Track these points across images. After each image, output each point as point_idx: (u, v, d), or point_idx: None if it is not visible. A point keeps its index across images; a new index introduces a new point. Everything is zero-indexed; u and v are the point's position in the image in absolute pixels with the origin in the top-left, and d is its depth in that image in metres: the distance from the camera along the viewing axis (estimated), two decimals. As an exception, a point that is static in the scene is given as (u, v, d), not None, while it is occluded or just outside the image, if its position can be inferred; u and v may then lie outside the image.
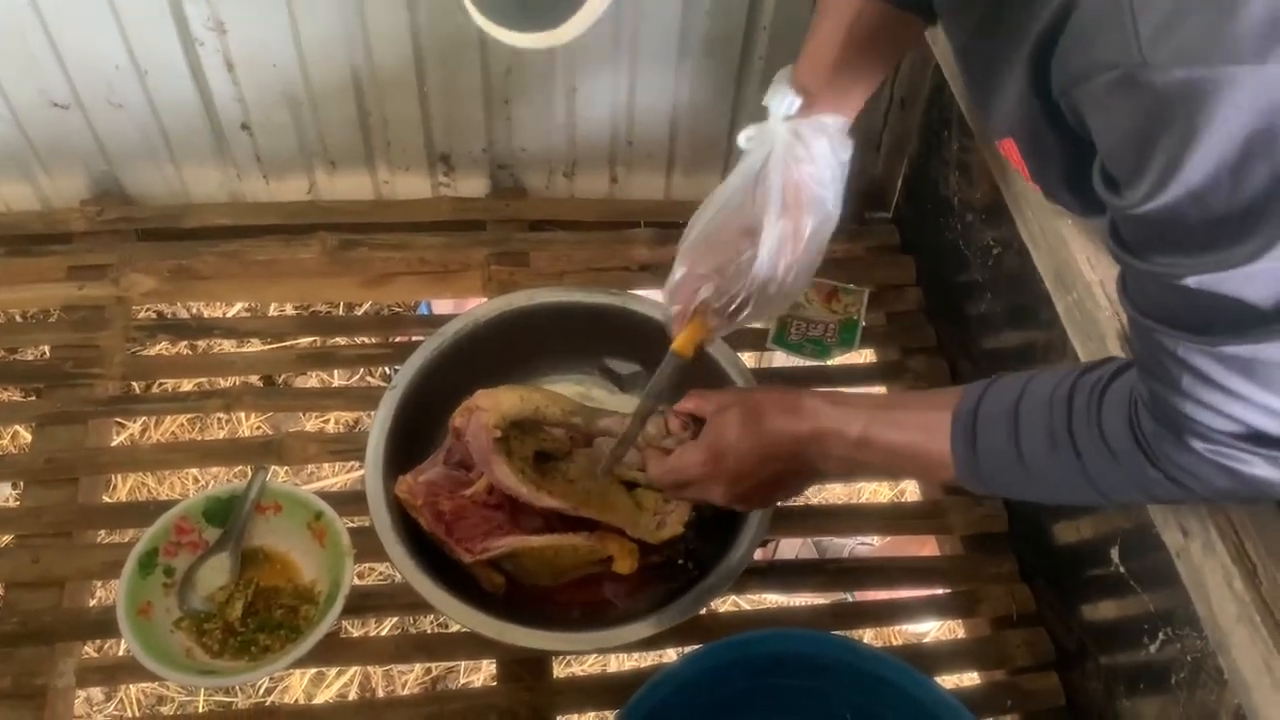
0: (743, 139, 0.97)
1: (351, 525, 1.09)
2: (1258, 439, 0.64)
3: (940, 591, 1.19)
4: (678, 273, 0.99)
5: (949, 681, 1.09)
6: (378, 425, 1.10)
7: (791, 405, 0.90)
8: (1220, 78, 0.49)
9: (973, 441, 0.81)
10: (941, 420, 0.82)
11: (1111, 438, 0.72)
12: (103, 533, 1.26)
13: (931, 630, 1.77)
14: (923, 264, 1.45)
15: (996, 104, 0.76)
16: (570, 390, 1.26)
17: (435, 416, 1.13)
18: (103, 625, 1.06)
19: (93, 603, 1.20)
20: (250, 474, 1.11)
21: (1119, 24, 0.52)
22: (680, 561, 1.11)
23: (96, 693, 1.72)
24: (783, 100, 0.93)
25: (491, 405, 1.04)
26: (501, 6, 0.61)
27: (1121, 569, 1.01)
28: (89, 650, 1.13)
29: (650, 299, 1.22)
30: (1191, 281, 0.57)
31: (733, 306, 0.96)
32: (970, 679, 1.19)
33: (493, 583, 1.06)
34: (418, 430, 1.13)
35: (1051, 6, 0.56)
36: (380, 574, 1.72)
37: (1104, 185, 0.60)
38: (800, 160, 0.93)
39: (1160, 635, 0.95)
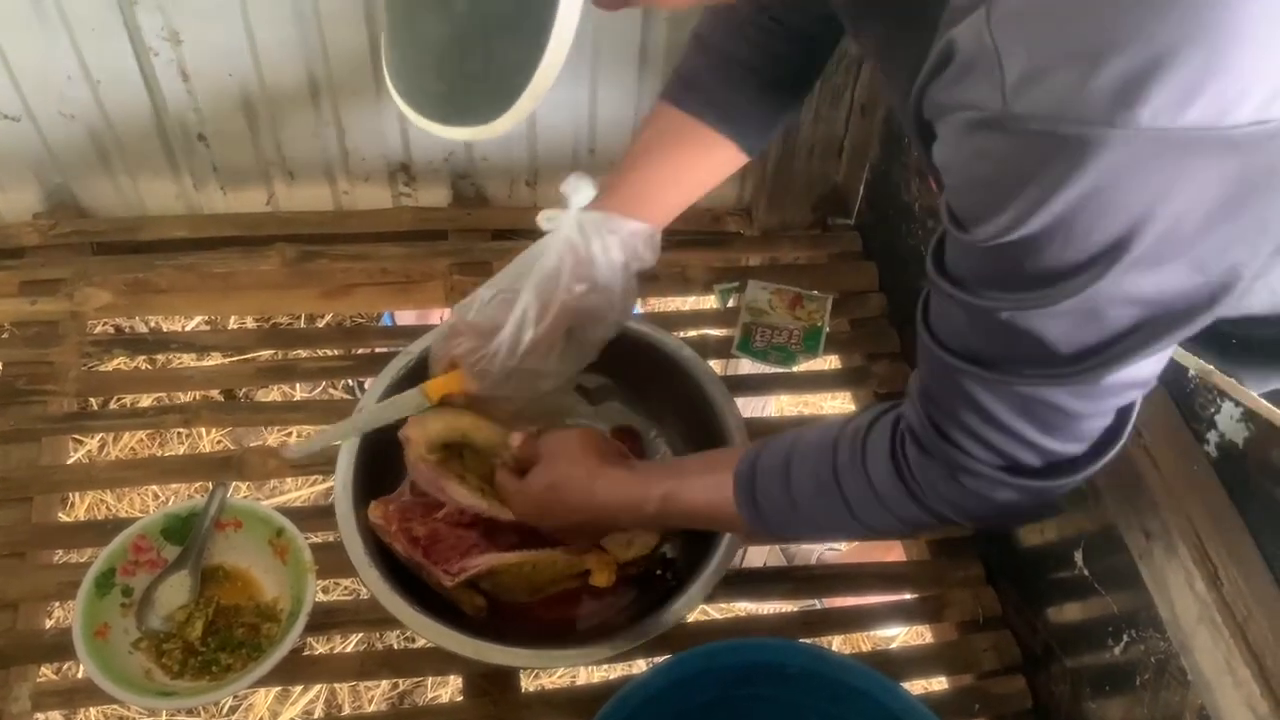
0: (543, 218, 1.01)
1: (314, 541, 1.07)
2: (1014, 469, 0.70)
3: (907, 596, 1.19)
4: (448, 324, 1.06)
5: (917, 687, 1.09)
6: (345, 450, 1.09)
7: (586, 488, 0.97)
8: (1073, 137, 0.51)
9: (753, 496, 0.87)
10: (725, 481, 0.89)
11: (875, 479, 0.78)
12: (60, 552, 1.23)
13: (899, 635, 1.77)
14: (885, 270, 1.46)
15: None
16: (538, 406, 1.26)
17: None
18: (59, 647, 1.04)
19: (49, 624, 1.17)
20: (210, 490, 1.09)
21: (988, 70, 0.54)
22: (658, 572, 1.11)
23: (55, 716, 1.68)
24: (578, 189, 0.97)
25: (418, 435, 1.04)
26: (433, 104, 0.62)
27: (1085, 572, 1.02)
28: (46, 673, 1.11)
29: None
30: (1004, 315, 0.61)
31: (481, 369, 1.01)
32: (938, 684, 1.19)
33: (475, 605, 1.05)
34: (387, 453, 1.12)
35: (936, 50, 0.58)
36: (345, 589, 1.70)
37: (949, 218, 0.62)
38: (576, 248, 0.98)
39: (1124, 637, 0.96)
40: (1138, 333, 0.59)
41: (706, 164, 1.03)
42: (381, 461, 1.12)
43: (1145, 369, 0.64)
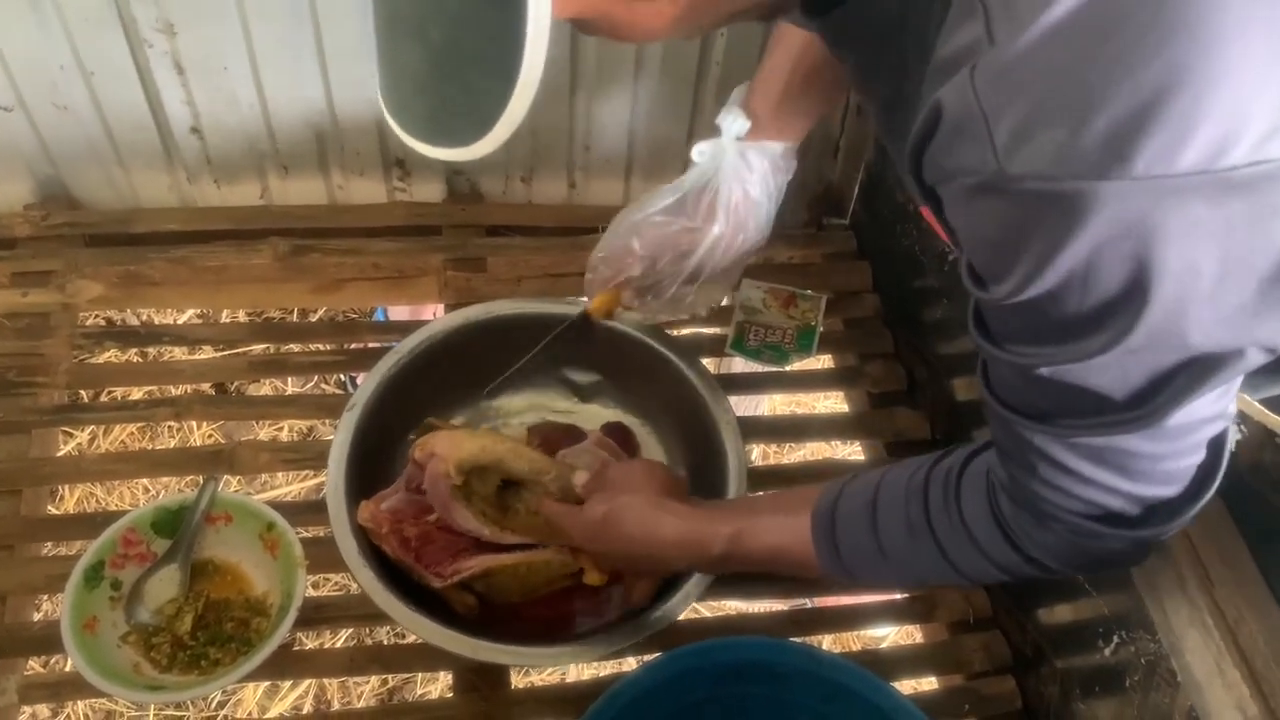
0: (695, 152, 1.05)
1: (304, 536, 1.07)
2: (1110, 519, 0.69)
3: (898, 596, 1.19)
4: (613, 245, 1.08)
5: (907, 687, 1.09)
6: (337, 447, 1.08)
7: (652, 524, 0.94)
8: (1069, 193, 0.51)
9: (833, 539, 0.85)
10: (802, 524, 0.87)
11: (971, 523, 0.77)
12: (48, 545, 1.23)
13: (889, 635, 1.78)
14: (880, 270, 1.46)
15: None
16: (530, 401, 1.26)
17: (396, 435, 1.12)
18: (47, 640, 1.03)
19: (37, 617, 1.17)
20: (201, 484, 1.09)
21: (977, 133, 0.54)
22: None
23: (42, 709, 1.68)
24: (733, 122, 1.02)
25: (448, 452, 1.02)
26: (418, 125, 0.64)
27: (1105, 573, 1.02)
28: (34, 666, 1.10)
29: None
30: (1045, 371, 0.61)
31: (651, 292, 1.07)
32: (928, 684, 1.19)
33: (465, 605, 1.05)
34: (379, 450, 1.12)
35: (924, 113, 0.58)
36: (335, 585, 1.70)
37: (969, 278, 0.62)
38: (743, 180, 1.03)
39: (1115, 638, 0.96)
40: (1182, 375, 0.59)
41: (836, 75, 1.03)
42: (374, 456, 1.11)
43: (1210, 405, 0.63)
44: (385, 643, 1.63)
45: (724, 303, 1.43)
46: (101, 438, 1.96)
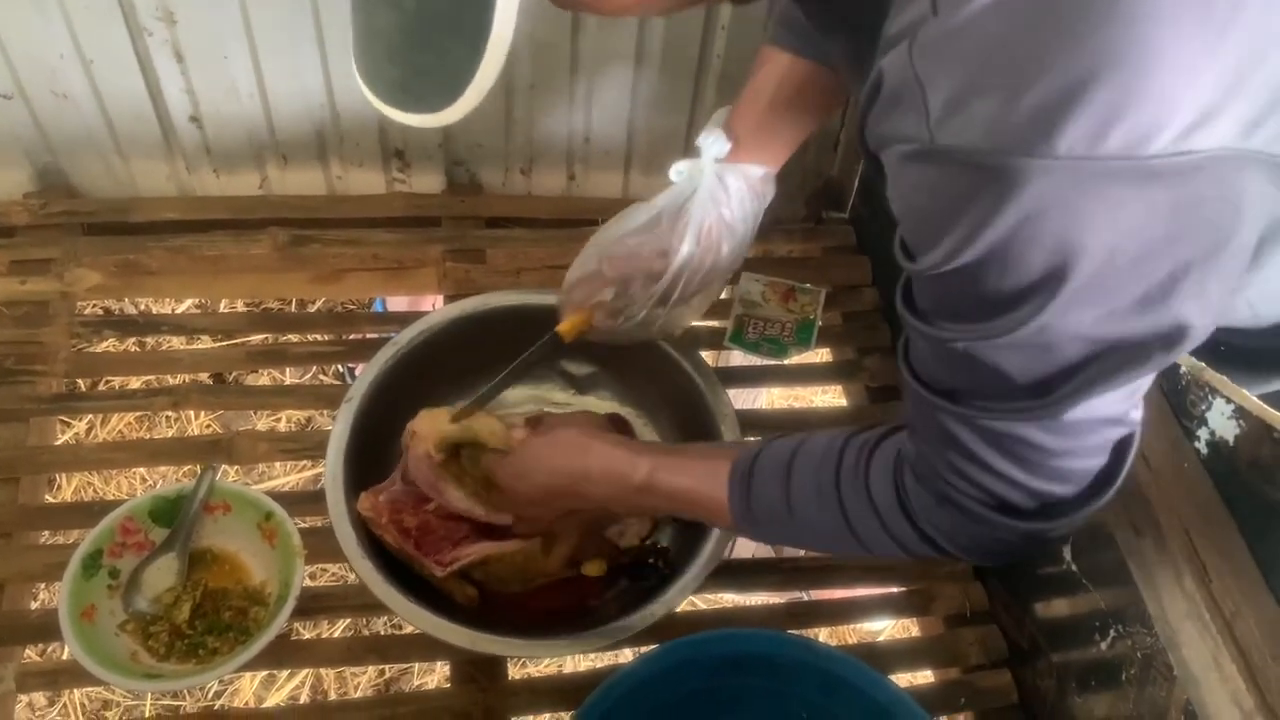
0: (673, 172, 1.03)
1: (303, 525, 1.07)
2: (1002, 508, 0.70)
3: (895, 590, 1.19)
4: (585, 267, 1.06)
5: (903, 679, 1.09)
6: (335, 439, 1.08)
7: (581, 446, 0.97)
8: (996, 167, 0.52)
9: (748, 490, 0.86)
10: (721, 468, 0.89)
11: (875, 492, 0.78)
12: (46, 534, 1.23)
13: (886, 629, 1.78)
14: (878, 264, 1.46)
15: None
16: (528, 393, 1.26)
17: (394, 427, 1.12)
18: (45, 628, 1.03)
19: (35, 605, 1.17)
20: (199, 473, 1.09)
21: (913, 101, 0.54)
22: (650, 560, 1.11)
23: (39, 697, 1.67)
24: (714, 144, 1.00)
25: (428, 431, 1.04)
26: (389, 90, 0.64)
27: (1074, 567, 1.02)
28: (31, 654, 1.10)
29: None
30: (960, 347, 0.62)
31: (623, 314, 1.04)
32: (924, 677, 1.19)
33: (466, 596, 1.05)
34: (376, 441, 1.12)
35: (869, 82, 0.59)
36: (332, 575, 1.70)
37: (899, 249, 0.63)
38: (720, 203, 1.01)
39: (1111, 632, 0.96)
40: (1090, 367, 0.59)
41: (822, 100, 1.04)
42: (372, 447, 1.11)
43: (1112, 405, 0.64)
44: (383, 633, 1.63)
45: (722, 296, 1.43)
46: (99, 427, 1.96)
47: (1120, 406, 0.65)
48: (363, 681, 1.75)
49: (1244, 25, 0.49)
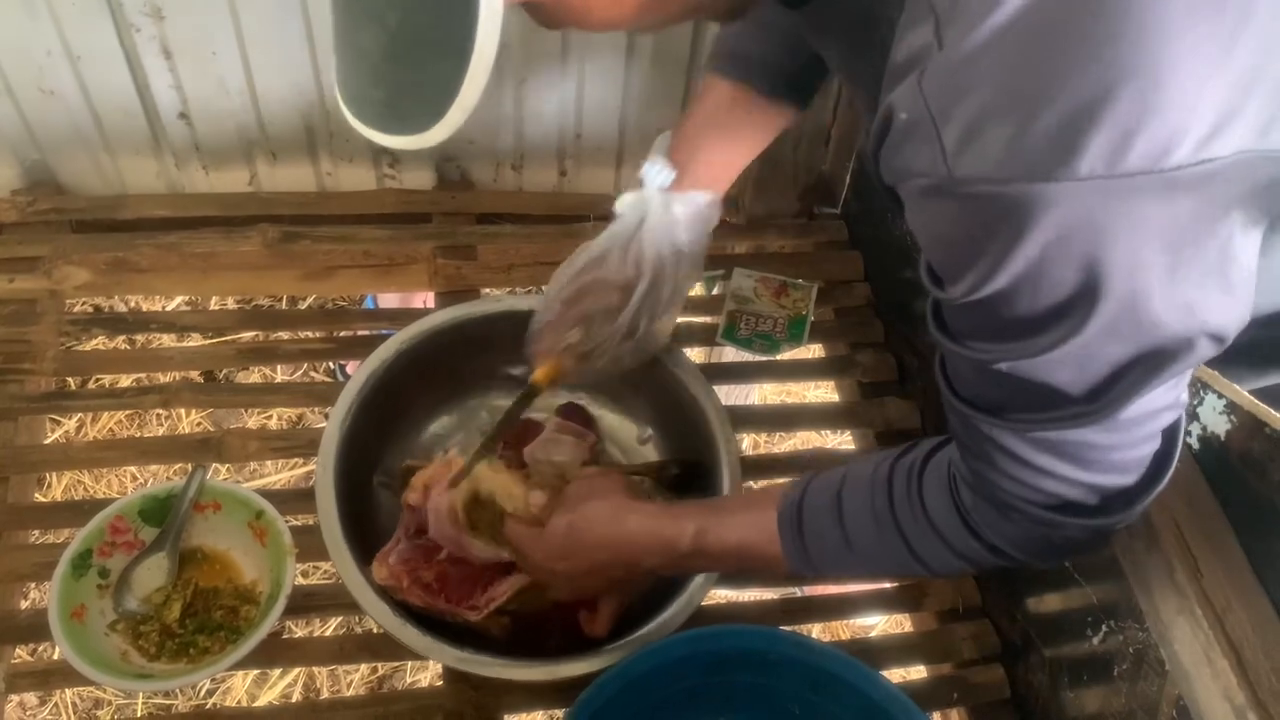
0: (619, 204, 1.03)
1: (294, 524, 1.07)
2: (1068, 508, 0.69)
3: (887, 585, 1.19)
4: (547, 316, 1.05)
5: (896, 675, 1.09)
6: (327, 437, 1.07)
7: (618, 520, 0.94)
8: (1016, 195, 0.52)
9: (800, 534, 0.85)
10: (768, 519, 0.87)
11: (934, 514, 0.77)
12: (36, 533, 1.22)
13: (879, 624, 1.78)
14: (871, 260, 1.46)
15: None
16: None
17: (387, 426, 1.11)
18: (35, 629, 1.02)
19: (24, 605, 1.16)
20: (189, 472, 1.08)
21: (927, 135, 0.54)
22: (676, 473, 1.12)
23: (30, 698, 1.67)
24: (658, 173, 1.00)
25: (449, 501, 1.02)
26: (374, 113, 0.64)
27: (1066, 562, 1.02)
28: (21, 654, 1.10)
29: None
30: (1003, 367, 0.61)
31: (593, 353, 1.04)
32: (917, 672, 1.19)
33: (501, 626, 1.03)
34: (367, 438, 1.11)
35: (878, 117, 0.59)
36: (324, 573, 1.69)
37: (928, 277, 0.63)
38: (670, 230, 1.01)
39: (1103, 627, 0.96)
40: (1137, 368, 0.59)
41: (763, 127, 1.05)
42: (361, 447, 1.10)
43: (1163, 395, 0.63)
44: (375, 631, 1.61)
45: (715, 292, 1.43)
46: (89, 425, 1.95)
47: (1170, 394, 0.65)
48: (355, 679, 1.75)
49: (1254, 30, 0.49)
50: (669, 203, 1.00)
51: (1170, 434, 0.68)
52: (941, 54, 0.54)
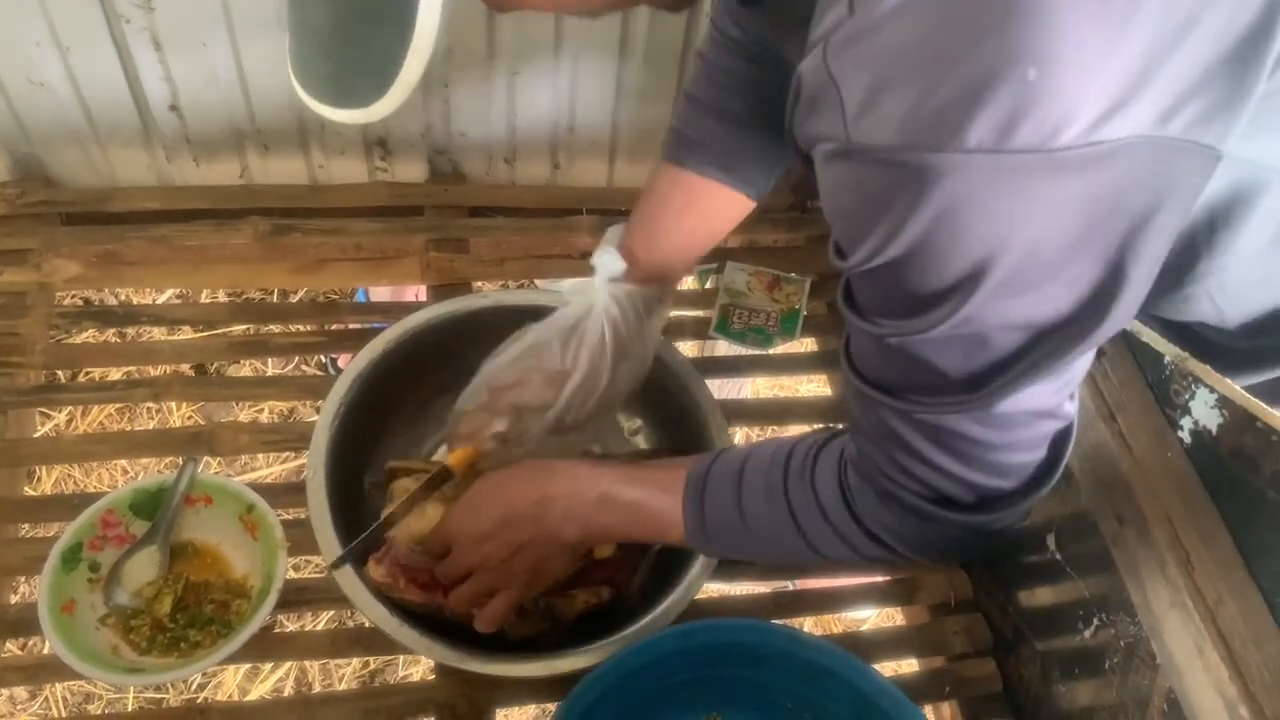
0: (567, 290, 1.02)
1: (285, 517, 1.06)
2: (944, 502, 0.71)
3: (879, 579, 1.19)
4: (476, 398, 1.03)
5: (888, 669, 1.09)
6: (319, 431, 1.07)
7: (546, 470, 0.94)
8: (911, 163, 0.52)
9: (701, 500, 0.85)
10: (677, 479, 0.87)
11: (821, 492, 0.78)
12: (25, 526, 1.22)
13: (871, 618, 1.78)
14: (863, 253, 1.45)
15: None
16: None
17: (378, 420, 1.11)
18: (24, 623, 1.02)
19: (14, 599, 1.16)
20: (180, 465, 1.08)
21: (831, 101, 0.55)
22: (657, 546, 1.11)
23: (20, 692, 1.67)
24: (609, 263, 0.99)
25: (404, 536, 1.01)
26: (321, 88, 0.65)
27: (1058, 556, 1.03)
28: (11, 648, 1.10)
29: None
30: (894, 342, 0.62)
31: (515, 443, 1.01)
32: (909, 666, 1.20)
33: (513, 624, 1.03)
34: (361, 432, 1.11)
35: (791, 85, 0.60)
36: (315, 567, 1.69)
37: (831, 247, 0.64)
38: (615, 323, 0.99)
39: (1095, 621, 0.96)
40: (1025, 357, 0.60)
41: (720, 218, 1.05)
42: (355, 440, 1.10)
43: (1044, 398, 0.64)
44: (366, 625, 1.61)
45: (707, 286, 1.43)
46: (79, 418, 1.95)
47: (1052, 399, 0.65)
48: (347, 673, 1.75)
49: (1145, 17, 0.49)
50: (617, 295, 0.99)
51: (1055, 445, 0.69)
52: (849, 22, 0.54)
